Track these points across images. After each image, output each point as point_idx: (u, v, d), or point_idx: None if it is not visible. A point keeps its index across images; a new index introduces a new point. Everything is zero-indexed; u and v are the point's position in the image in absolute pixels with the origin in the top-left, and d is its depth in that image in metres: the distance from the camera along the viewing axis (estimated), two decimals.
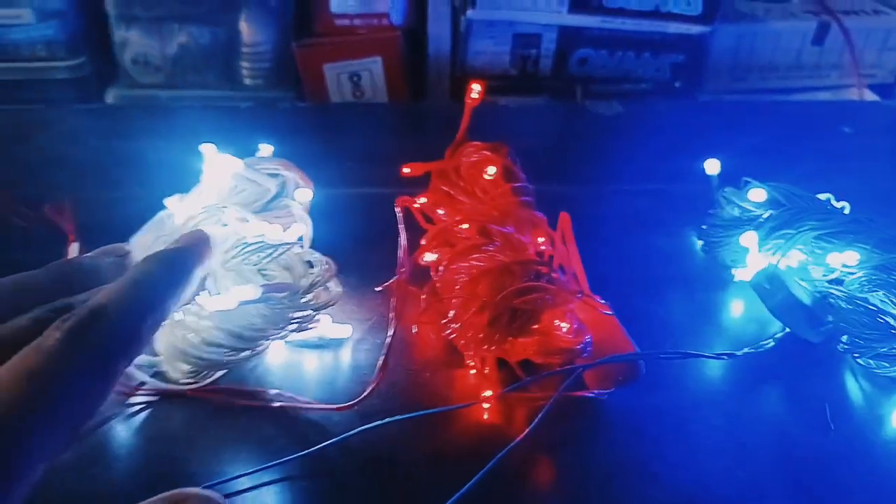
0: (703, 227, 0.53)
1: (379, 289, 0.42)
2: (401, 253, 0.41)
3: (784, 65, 1.10)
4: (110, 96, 0.98)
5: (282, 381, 0.42)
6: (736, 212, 0.51)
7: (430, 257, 0.46)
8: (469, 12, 0.95)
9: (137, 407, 0.40)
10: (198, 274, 0.32)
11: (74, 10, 0.97)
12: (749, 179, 0.51)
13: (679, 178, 0.63)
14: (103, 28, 0.98)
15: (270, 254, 0.39)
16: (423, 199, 0.50)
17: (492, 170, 0.47)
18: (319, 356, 0.43)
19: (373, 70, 1.01)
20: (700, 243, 0.53)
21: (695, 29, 0.99)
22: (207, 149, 0.48)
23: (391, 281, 0.42)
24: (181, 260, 0.31)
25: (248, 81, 1.03)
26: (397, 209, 0.42)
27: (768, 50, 1.09)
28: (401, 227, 0.41)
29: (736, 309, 0.49)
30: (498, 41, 1.01)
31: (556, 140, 0.75)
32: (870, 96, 1.08)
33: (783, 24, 1.07)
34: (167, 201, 0.48)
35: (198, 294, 0.35)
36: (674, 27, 0.98)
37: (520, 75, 1.04)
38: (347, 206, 0.56)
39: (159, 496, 0.30)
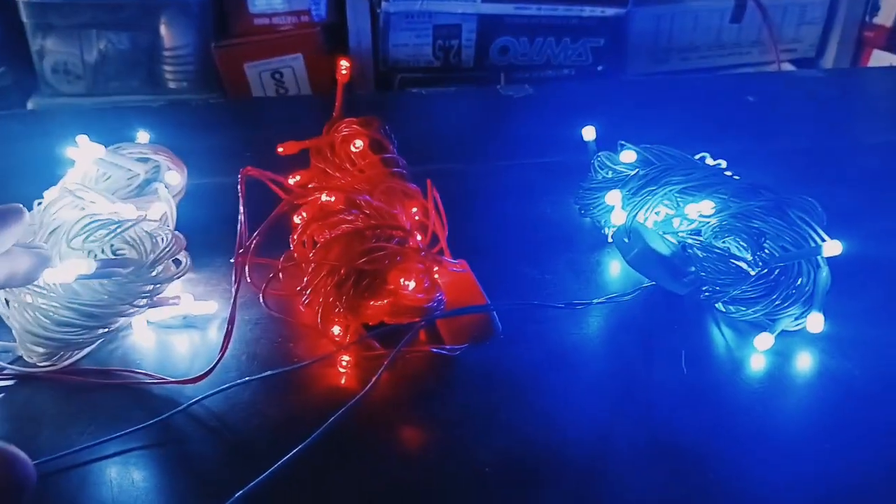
0: (579, 190, 0.53)
1: (232, 260, 0.43)
2: (240, 222, 0.41)
3: (705, 44, 1.12)
4: (31, 106, 0.98)
5: (145, 360, 0.42)
6: (609, 174, 0.51)
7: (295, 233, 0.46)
8: (384, 4, 0.96)
9: None
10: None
11: None
12: (624, 142, 0.52)
13: (573, 150, 0.64)
14: (21, 37, 0.98)
15: (114, 230, 0.39)
16: (298, 177, 0.50)
17: (359, 142, 0.48)
18: (185, 335, 0.43)
19: (294, 67, 1.02)
20: (577, 207, 0.54)
21: (609, 11, 1.00)
22: (80, 139, 0.49)
23: (237, 254, 0.42)
24: None
25: (171, 85, 1.03)
26: (240, 178, 0.42)
27: (688, 30, 1.10)
28: (241, 195, 0.42)
29: (611, 267, 0.50)
30: (419, 33, 1.02)
31: (466, 122, 0.76)
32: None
33: (700, 4, 1.09)
34: (46, 193, 0.49)
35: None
36: (588, 10, 1.00)
37: (443, 66, 1.05)
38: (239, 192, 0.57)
39: None
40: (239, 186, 0.42)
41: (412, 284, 0.38)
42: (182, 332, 0.44)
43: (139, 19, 1.00)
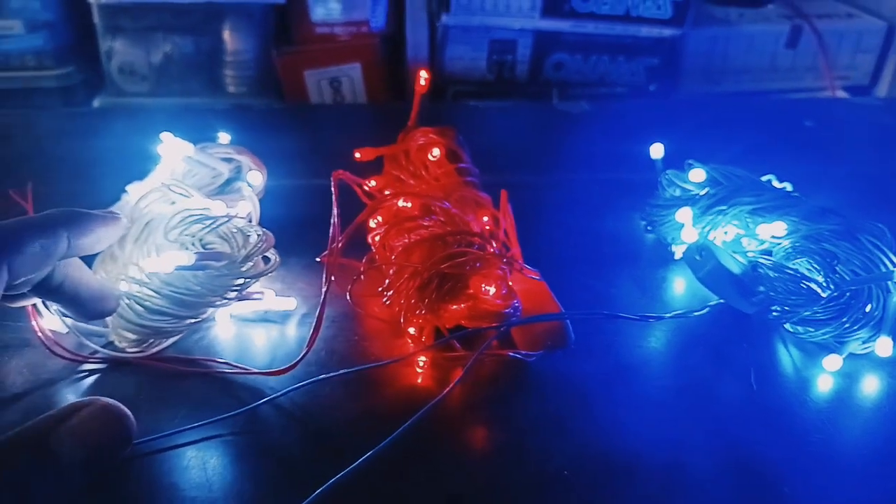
0: (647, 207, 0.54)
1: (318, 259, 0.44)
2: (333, 223, 0.43)
3: (758, 68, 1.12)
4: (97, 104, 1.01)
5: (227, 352, 0.43)
6: (677, 192, 0.52)
7: (374, 236, 0.48)
8: (444, 18, 0.98)
9: (86, 374, 0.41)
10: (99, 231, 0.35)
11: (63, 20, 1.00)
12: (692, 162, 0.53)
13: (635, 168, 0.65)
14: (91, 38, 1.01)
15: (209, 225, 0.40)
16: (373, 182, 0.52)
17: (436, 151, 0.49)
18: (265, 329, 0.45)
19: (352, 76, 1.04)
20: (643, 223, 0.55)
21: (666, 32, 1.01)
22: (165, 136, 0.51)
23: (325, 253, 0.43)
24: (82, 214, 0.34)
25: (231, 89, 1.06)
26: (333, 181, 0.44)
27: (742, 53, 1.11)
28: (335, 197, 0.43)
29: (676, 284, 0.51)
30: (475, 47, 1.04)
31: (523, 136, 0.77)
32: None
33: (756, 28, 1.09)
34: (129, 187, 0.51)
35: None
36: (645, 30, 1.00)
37: (497, 81, 1.06)
38: (312, 196, 0.58)
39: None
40: (333, 189, 0.43)
41: (493, 290, 0.40)
42: (262, 326, 0.45)
43: (203, 24, 1.02)
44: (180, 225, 0.40)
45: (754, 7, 1.14)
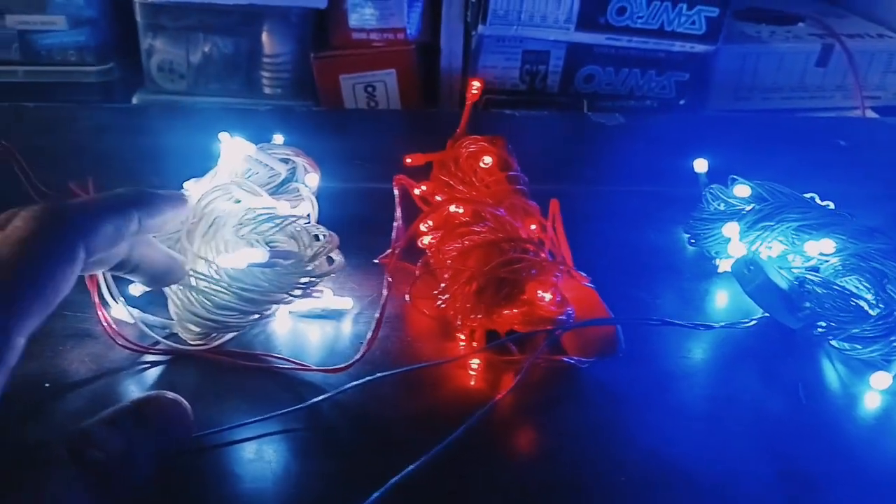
0: (690, 220, 0.55)
1: (376, 261, 0.45)
2: (396, 227, 0.44)
3: (788, 86, 1.13)
4: (135, 101, 1.03)
5: (285, 347, 0.44)
6: (721, 206, 0.53)
7: (427, 239, 0.49)
8: (480, 28, 0.99)
9: (148, 365, 0.42)
10: (167, 211, 0.36)
11: (105, 17, 1.02)
12: (735, 177, 0.54)
13: (671, 181, 0.66)
14: (132, 36, 1.03)
15: (279, 224, 0.42)
16: (423, 187, 0.53)
17: (488, 159, 0.50)
18: (321, 327, 0.46)
19: (387, 82, 1.05)
20: (687, 236, 0.56)
21: (699, 47, 1.02)
22: (223, 136, 0.52)
23: (386, 253, 0.44)
24: (152, 194, 0.35)
25: (267, 91, 1.07)
26: (395, 185, 0.45)
27: (772, 71, 1.11)
28: (397, 200, 0.44)
29: (720, 297, 0.51)
30: (508, 57, 1.05)
31: (560, 146, 0.78)
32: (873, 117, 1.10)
33: (787, 46, 1.10)
34: (186, 184, 0.52)
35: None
36: (678, 45, 1.01)
37: (528, 90, 1.08)
38: (354, 198, 0.60)
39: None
40: (395, 192, 0.44)
41: (548, 296, 0.41)
42: (317, 323, 0.46)
43: (243, 25, 1.04)
44: (251, 223, 0.41)
45: (785, 25, 1.15)
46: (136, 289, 0.45)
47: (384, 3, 1.03)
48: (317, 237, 0.43)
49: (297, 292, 0.41)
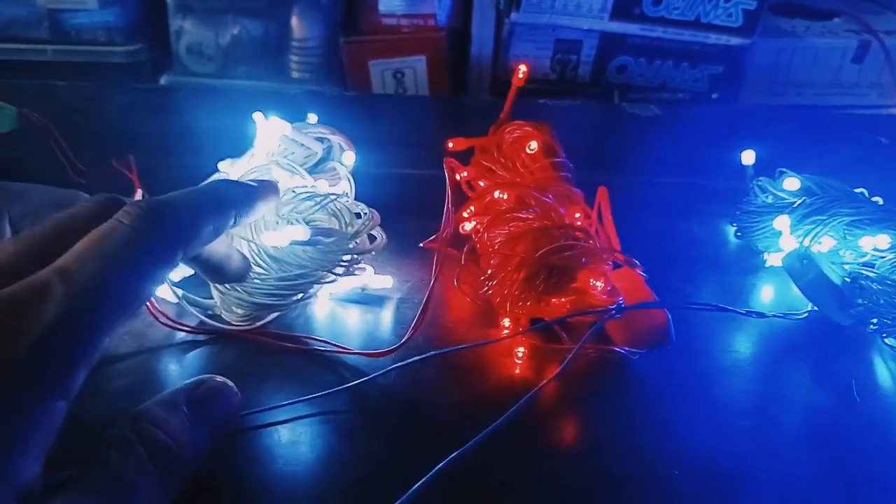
0: (738, 213, 0.54)
1: (422, 245, 0.44)
2: (446, 209, 0.43)
3: (822, 82, 1.11)
4: (164, 82, 1.03)
5: (325, 331, 0.44)
6: (770, 199, 0.52)
7: (468, 225, 0.48)
8: (513, 15, 0.97)
9: (189, 344, 0.42)
10: (260, 206, 0.34)
11: None
12: (784, 170, 0.53)
13: (712, 173, 0.65)
14: (161, 17, 1.02)
15: (320, 202, 0.41)
16: (465, 173, 0.52)
17: (534, 144, 0.49)
18: (361, 310, 0.45)
19: (416, 68, 1.04)
20: (734, 229, 0.55)
21: (734, 40, 1.00)
22: (258, 116, 0.51)
23: (434, 237, 0.44)
24: (247, 187, 0.33)
25: (295, 75, 1.06)
26: (445, 168, 0.44)
27: (807, 66, 1.09)
28: (449, 183, 0.43)
29: (766, 291, 0.50)
30: (540, 45, 1.03)
31: (595, 135, 0.77)
32: None
33: (823, 41, 1.08)
34: (220, 165, 0.51)
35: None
36: (714, 38, 1.00)
37: (559, 80, 1.06)
38: (386, 183, 0.59)
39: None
40: (446, 175, 0.44)
41: (600, 285, 0.40)
42: (357, 307, 0.46)
43: (272, 8, 1.03)
44: (292, 202, 0.40)
45: (820, 20, 1.13)
46: (177, 271, 0.45)
47: None
48: (358, 215, 0.42)
49: (340, 270, 0.40)
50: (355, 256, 0.40)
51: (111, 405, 0.37)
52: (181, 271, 0.45)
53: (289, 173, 0.43)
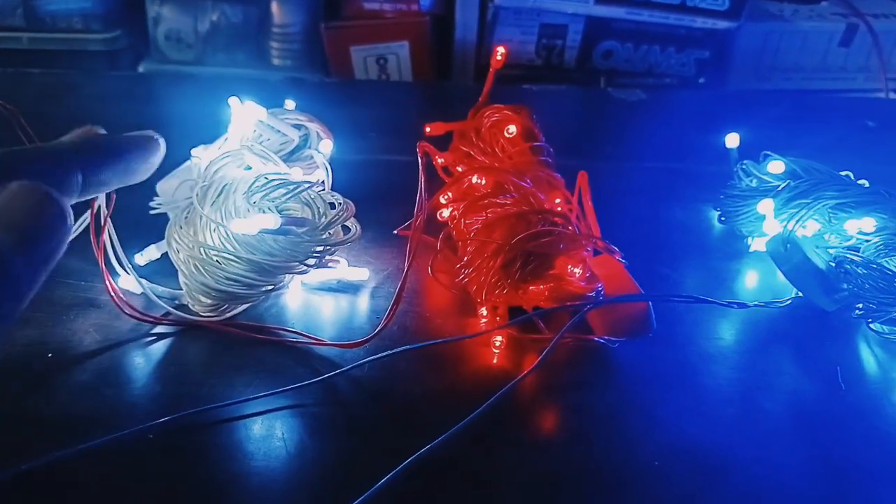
0: (722, 197, 0.53)
1: (396, 232, 0.43)
2: (419, 196, 0.42)
3: (810, 66, 1.10)
4: (142, 69, 1.01)
5: (298, 321, 0.42)
6: (754, 183, 0.51)
7: (446, 212, 0.47)
8: None
9: (156, 337, 0.40)
10: (134, 164, 0.32)
11: None
12: (769, 153, 0.52)
13: (697, 158, 0.64)
14: (138, 3, 1.00)
15: (292, 190, 0.40)
16: (442, 159, 0.51)
17: (512, 128, 0.48)
18: (336, 300, 0.44)
19: (399, 54, 1.02)
20: (717, 213, 0.54)
21: (721, 24, 0.99)
22: (233, 101, 0.49)
23: (408, 223, 0.42)
24: (105, 142, 0.32)
25: (276, 62, 1.05)
26: (419, 153, 0.43)
27: (794, 50, 1.08)
28: (421, 169, 0.42)
29: (750, 277, 0.49)
30: (524, 30, 1.02)
31: (580, 121, 0.76)
32: None
33: (810, 25, 1.07)
34: (194, 151, 0.50)
35: None
36: (700, 21, 0.98)
37: (545, 65, 1.05)
38: (365, 170, 0.58)
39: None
40: (419, 160, 0.42)
41: (579, 271, 0.38)
42: (331, 296, 0.44)
43: None
44: (263, 189, 0.39)
45: (809, 3, 1.12)
46: (142, 258, 0.43)
47: None
48: (332, 205, 0.41)
49: (312, 262, 0.39)
50: (328, 248, 0.39)
51: (72, 401, 0.36)
52: (146, 256, 0.44)
53: (261, 160, 0.42)
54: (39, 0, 0.98)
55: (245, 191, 0.40)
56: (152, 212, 0.46)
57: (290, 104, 0.54)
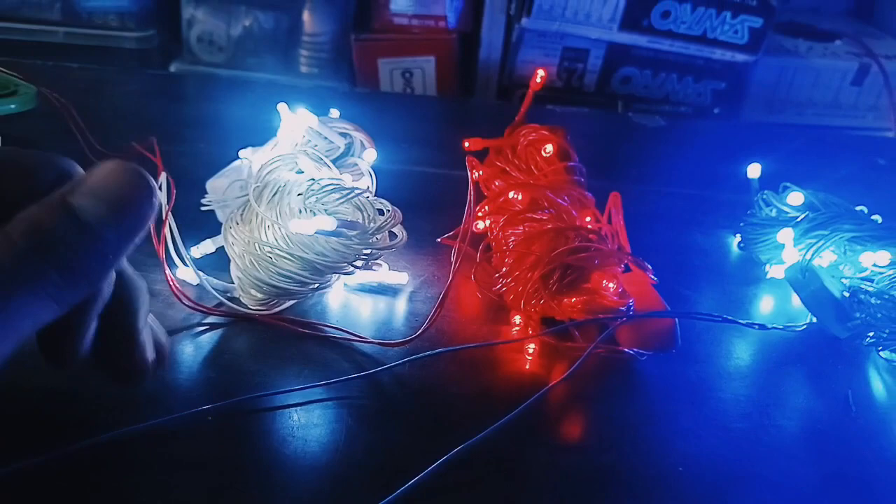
0: (742, 224, 0.55)
1: (440, 240, 0.45)
2: (468, 206, 0.44)
3: (822, 102, 1.13)
4: (173, 69, 1.03)
5: (340, 319, 0.45)
6: (773, 213, 0.53)
7: (482, 224, 0.49)
8: (523, 21, 0.99)
9: (208, 326, 0.43)
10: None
11: None
12: (788, 184, 0.54)
13: (716, 186, 0.67)
14: (174, 4, 1.03)
15: (346, 195, 0.42)
16: (480, 172, 0.53)
17: (549, 147, 0.51)
18: (374, 302, 0.46)
19: (425, 69, 1.05)
20: (738, 240, 0.56)
21: (739, 57, 1.02)
22: (282, 107, 0.52)
23: (453, 232, 0.45)
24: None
25: (304, 69, 1.07)
26: (468, 167, 0.45)
27: (807, 86, 1.12)
28: (471, 183, 0.45)
29: (766, 302, 0.52)
30: (547, 52, 1.05)
31: (601, 143, 0.78)
32: None
33: (824, 63, 1.10)
34: (242, 152, 0.52)
35: None
36: (719, 53, 1.02)
37: (565, 87, 1.08)
38: (398, 179, 0.61)
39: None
40: (469, 173, 0.45)
41: (612, 286, 0.41)
42: (371, 298, 0.47)
43: (285, 2, 1.04)
44: (317, 192, 0.41)
45: (823, 42, 1.15)
46: (198, 251, 0.46)
47: None
48: (381, 211, 0.43)
49: (359, 263, 0.41)
50: (375, 251, 0.41)
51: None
52: (202, 250, 0.46)
53: (316, 164, 0.44)
54: None
55: (300, 193, 0.42)
56: (203, 208, 0.49)
57: (334, 113, 0.57)
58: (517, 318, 0.44)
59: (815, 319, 0.47)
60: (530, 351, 0.43)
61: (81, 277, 0.26)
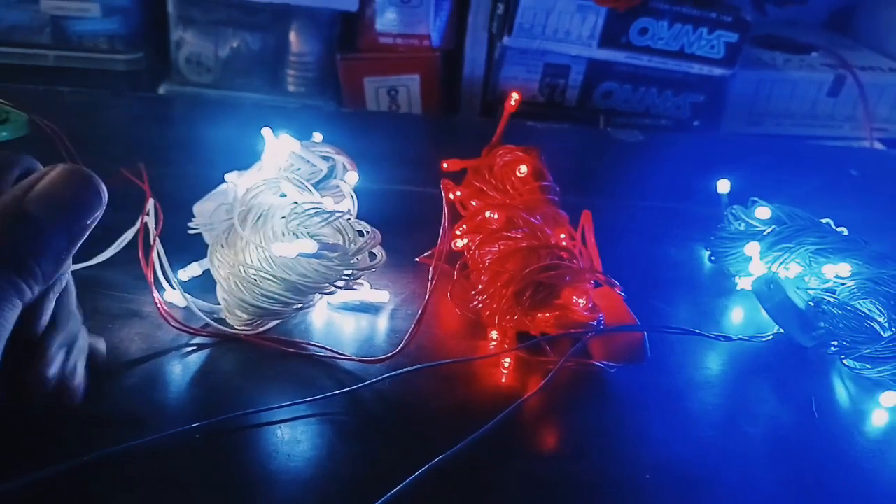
0: (712, 238, 0.57)
1: (418, 259, 0.47)
2: (443, 227, 0.46)
3: (799, 113, 1.16)
4: (162, 91, 1.05)
5: (323, 338, 0.46)
6: (742, 226, 0.55)
7: (460, 242, 0.51)
8: (505, 39, 1.01)
9: (195, 346, 0.44)
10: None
11: (138, 7, 1.04)
12: (756, 199, 0.56)
13: (690, 199, 0.69)
14: (162, 26, 1.05)
15: (326, 218, 0.44)
16: (458, 192, 0.55)
17: (524, 168, 0.53)
18: (356, 320, 0.48)
19: (410, 87, 1.07)
20: (708, 253, 0.58)
21: (716, 71, 1.04)
22: (266, 132, 0.54)
23: (430, 252, 0.47)
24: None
25: (291, 88, 1.09)
26: (443, 189, 0.47)
27: (785, 98, 1.14)
28: (445, 204, 0.46)
29: (736, 313, 0.54)
30: (529, 69, 1.07)
31: (580, 158, 0.81)
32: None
33: (800, 75, 1.13)
34: (228, 176, 0.54)
35: None
36: (696, 68, 1.04)
37: (547, 103, 1.10)
38: (380, 199, 0.62)
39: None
40: (443, 195, 0.47)
41: (583, 302, 0.43)
42: (353, 316, 0.48)
43: (272, 23, 1.06)
44: (301, 216, 0.43)
45: (800, 54, 1.18)
46: (185, 274, 0.47)
47: (411, 9, 1.05)
48: (360, 233, 0.45)
49: (340, 284, 0.43)
50: (356, 272, 0.43)
51: (122, 402, 0.40)
52: (189, 272, 0.48)
53: (298, 189, 0.46)
54: (68, 20, 1.02)
55: (283, 216, 0.44)
56: (190, 231, 0.50)
57: (317, 137, 0.58)
58: (493, 334, 0.46)
59: (781, 330, 0.49)
60: (506, 365, 0.44)
61: (39, 276, 0.29)
